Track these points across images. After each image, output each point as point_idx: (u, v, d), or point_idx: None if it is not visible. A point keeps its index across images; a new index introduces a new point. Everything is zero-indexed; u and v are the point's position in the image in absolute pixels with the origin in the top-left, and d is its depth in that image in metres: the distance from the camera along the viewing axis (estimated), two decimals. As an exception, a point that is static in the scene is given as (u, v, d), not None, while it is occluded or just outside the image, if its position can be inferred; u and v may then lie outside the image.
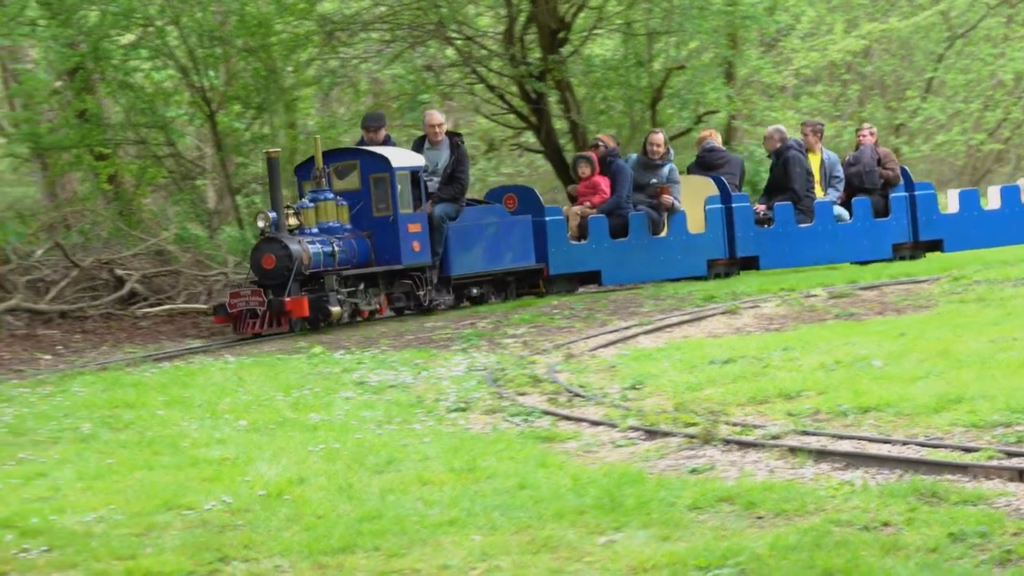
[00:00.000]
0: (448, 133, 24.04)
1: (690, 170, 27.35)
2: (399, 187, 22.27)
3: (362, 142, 23.96)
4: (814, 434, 12.19)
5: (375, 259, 22.27)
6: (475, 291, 24.10)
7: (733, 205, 25.73)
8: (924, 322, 18.25)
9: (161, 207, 32.22)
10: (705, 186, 26.14)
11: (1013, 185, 30.38)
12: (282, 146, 29.47)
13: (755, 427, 12.66)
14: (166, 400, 15.70)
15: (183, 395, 16.03)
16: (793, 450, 11.58)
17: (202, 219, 29.76)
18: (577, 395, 15.06)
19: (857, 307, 20.60)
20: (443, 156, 23.65)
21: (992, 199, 29.62)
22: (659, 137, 25.78)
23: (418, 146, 24.39)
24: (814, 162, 27.36)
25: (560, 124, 30.73)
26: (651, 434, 12.82)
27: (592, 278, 25.15)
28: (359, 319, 22.09)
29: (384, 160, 22.31)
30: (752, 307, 21.68)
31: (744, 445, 12.05)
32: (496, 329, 21.02)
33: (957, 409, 12.32)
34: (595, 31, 30.89)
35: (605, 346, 18.95)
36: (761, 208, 26.49)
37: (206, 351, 21.13)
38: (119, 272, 25.87)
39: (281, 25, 29.56)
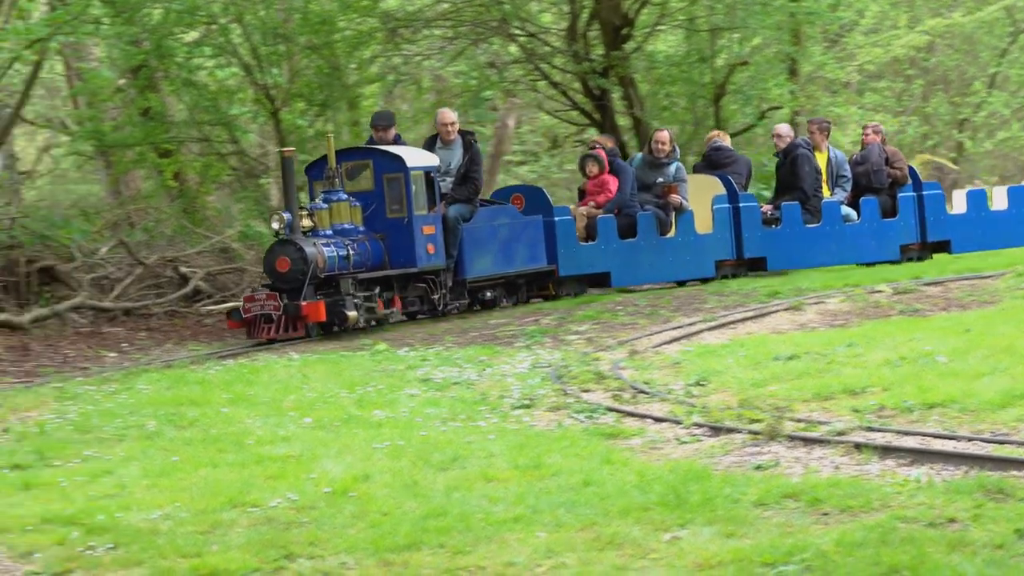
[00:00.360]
0: (461, 132, 23.29)
1: (696, 169, 27.10)
2: (414, 187, 21.50)
3: (371, 141, 23.26)
4: (879, 430, 12.17)
5: (389, 262, 21.42)
6: (488, 294, 23.48)
7: (740, 205, 25.26)
8: (989, 318, 18.06)
9: (225, 204, 32.42)
10: (712, 185, 25.68)
11: (1019, 185, 30.06)
12: (345, 144, 29.42)
13: (820, 423, 12.67)
14: (230, 397, 15.79)
15: (247, 392, 16.12)
16: (858, 446, 11.56)
17: (265, 216, 29.75)
18: (641, 392, 15.02)
19: (921, 303, 20.50)
20: (456, 155, 22.91)
21: (999, 199, 29.11)
22: (665, 135, 25.27)
23: (429, 145, 23.68)
24: (821, 161, 26.82)
25: (623, 121, 30.64)
26: (716, 430, 12.84)
27: (602, 280, 24.51)
28: (374, 323, 21.18)
29: (399, 160, 21.50)
30: (816, 303, 21.43)
31: (809, 441, 12.03)
32: (560, 326, 20.92)
33: (1023, 405, 12.30)
34: (658, 27, 30.86)
35: (669, 342, 18.88)
36: (768, 208, 26.04)
37: (270, 349, 20.90)
38: (183, 270, 26.13)
39: (344, 22, 29.72)
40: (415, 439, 13.04)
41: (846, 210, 26.33)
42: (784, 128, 27.14)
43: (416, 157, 21.93)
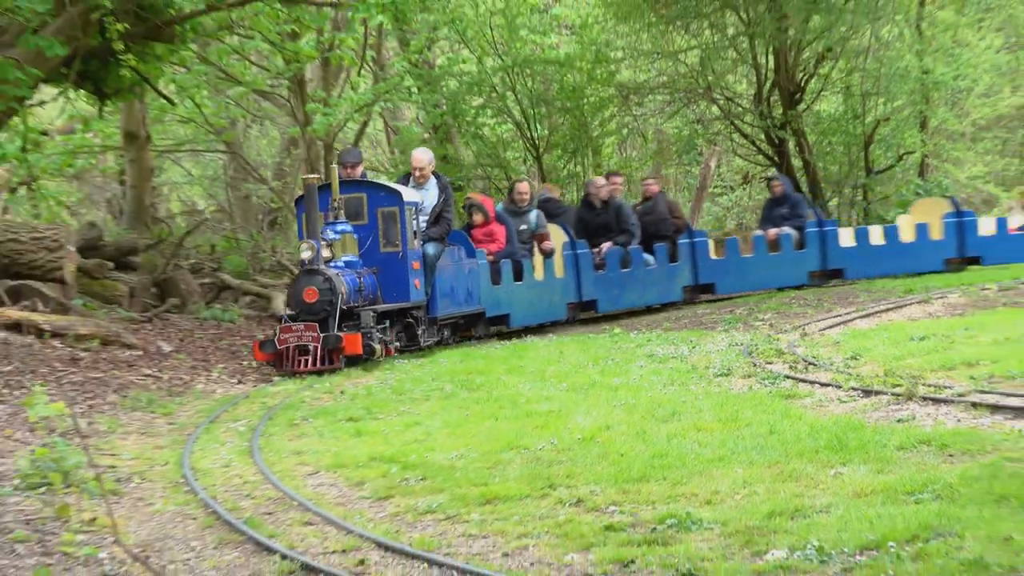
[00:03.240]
0: (435, 173, 20.28)
1: None
2: (407, 223, 18.68)
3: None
4: (990, 392, 12.28)
5: (382, 296, 18.39)
6: (446, 332, 20.21)
7: (578, 252, 23.02)
8: None
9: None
10: (558, 233, 23.48)
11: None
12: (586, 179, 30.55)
13: (945, 387, 12.78)
14: (507, 368, 16.36)
15: (519, 364, 16.66)
16: (974, 405, 11.74)
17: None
18: (811, 364, 15.16)
19: (1021, 297, 20.40)
20: (428, 195, 19.86)
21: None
22: (524, 186, 23.25)
23: (402, 184, 20.41)
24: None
25: (796, 162, 30.34)
26: (867, 393, 12.95)
27: (504, 319, 21.50)
28: (382, 357, 17.69)
29: (395, 194, 18.68)
30: (940, 297, 21.42)
31: (937, 401, 12.17)
32: (749, 315, 20.88)
33: None
34: (823, 92, 30.86)
35: (831, 327, 19.03)
36: (597, 253, 23.64)
37: (535, 332, 21.18)
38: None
39: (590, 91, 30.31)
40: (643, 399, 13.42)
41: (646, 256, 24.60)
42: (600, 180, 25.17)
43: (408, 193, 19.22)
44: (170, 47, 23.11)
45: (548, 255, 22.64)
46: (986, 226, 26.29)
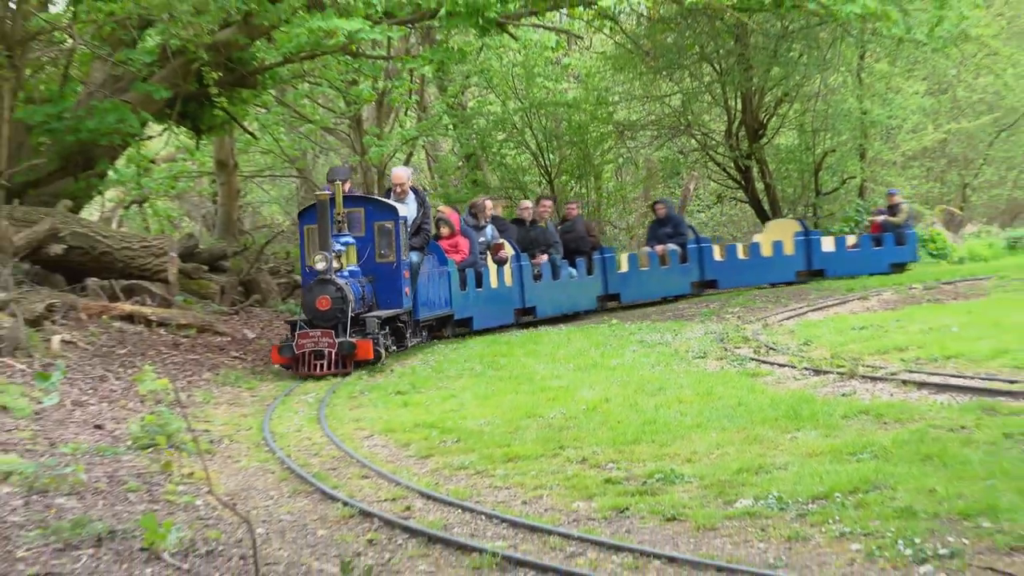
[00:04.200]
0: (413, 188, 18.54)
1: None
2: (401, 236, 16.95)
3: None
4: (917, 372, 12.26)
5: (377, 303, 16.59)
6: (424, 333, 18.30)
7: (522, 263, 21.24)
8: (983, 304, 17.80)
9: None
10: (507, 245, 21.70)
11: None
12: (588, 201, 30.21)
13: (880, 368, 12.72)
14: (525, 352, 16.18)
15: (535, 349, 16.45)
16: (905, 382, 11.72)
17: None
18: (771, 348, 15.03)
19: (941, 295, 20.16)
20: (410, 208, 17.95)
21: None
22: (479, 203, 21.66)
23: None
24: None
25: (760, 185, 30.01)
26: (817, 372, 12.87)
27: (468, 322, 19.72)
28: (385, 360, 16.01)
29: (392, 209, 16.94)
30: (876, 295, 21.12)
31: (874, 379, 12.12)
32: (721, 309, 20.47)
33: (1004, 357, 12.43)
34: (781, 129, 30.55)
35: (787, 319, 18.79)
36: (536, 265, 21.84)
37: (547, 323, 20.93)
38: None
39: (592, 127, 30.16)
40: (635, 377, 13.29)
41: (570, 269, 22.94)
42: (527, 203, 23.70)
43: (400, 209, 17.44)
44: (254, 92, 23.31)
45: (503, 264, 21.10)
46: (827, 244, 25.74)
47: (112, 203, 31.26)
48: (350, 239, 16.32)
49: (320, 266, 15.38)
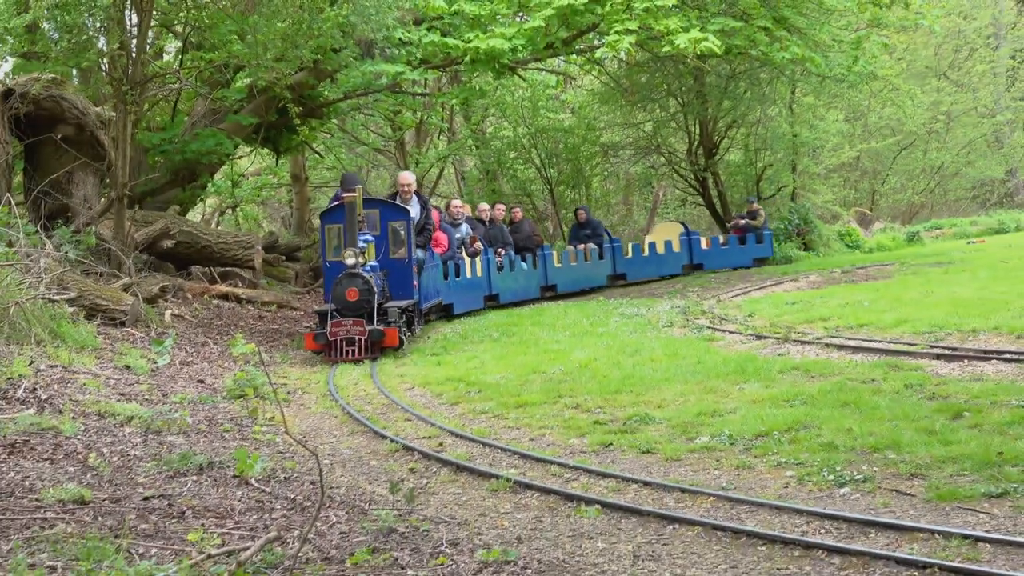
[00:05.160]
0: (416, 192, 16.41)
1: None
2: (412, 235, 15.01)
3: (337, 197, 15.09)
4: (837, 337, 12.22)
5: (390, 295, 14.57)
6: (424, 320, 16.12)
7: (489, 257, 19.30)
8: (888, 284, 17.65)
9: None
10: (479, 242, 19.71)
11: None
12: (587, 203, 30.30)
13: (808, 333, 12.68)
14: (532, 322, 15.90)
15: (540, 320, 16.13)
16: (827, 345, 11.68)
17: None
18: (723, 319, 14.92)
19: (855, 277, 19.92)
20: (414, 210, 15.82)
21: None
22: (456, 203, 19.91)
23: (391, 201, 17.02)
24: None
25: (714, 192, 29.42)
26: (759, 337, 12.80)
27: (449, 308, 17.55)
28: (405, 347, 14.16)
29: (404, 211, 15.06)
30: (806, 277, 20.65)
31: (804, 343, 12.06)
32: (684, 289, 20.06)
33: (905, 326, 12.38)
34: (730, 148, 30.08)
35: (735, 296, 18.50)
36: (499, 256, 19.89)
37: (548, 299, 20.33)
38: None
39: (583, 148, 29.89)
40: (617, 341, 13.18)
41: (521, 262, 20.65)
42: (484, 205, 21.58)
43: (411, 211, 15.51)
44: (320, 121, 23.33)
45: (475, 256, 19.03)
46: (704, 243, 24.59)
47: (211, 208, 31.33)
48: (369, 237, 14.54)
49: (350, 261, 13.67)
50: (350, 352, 13.30)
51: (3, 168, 14.60)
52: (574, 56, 23.88)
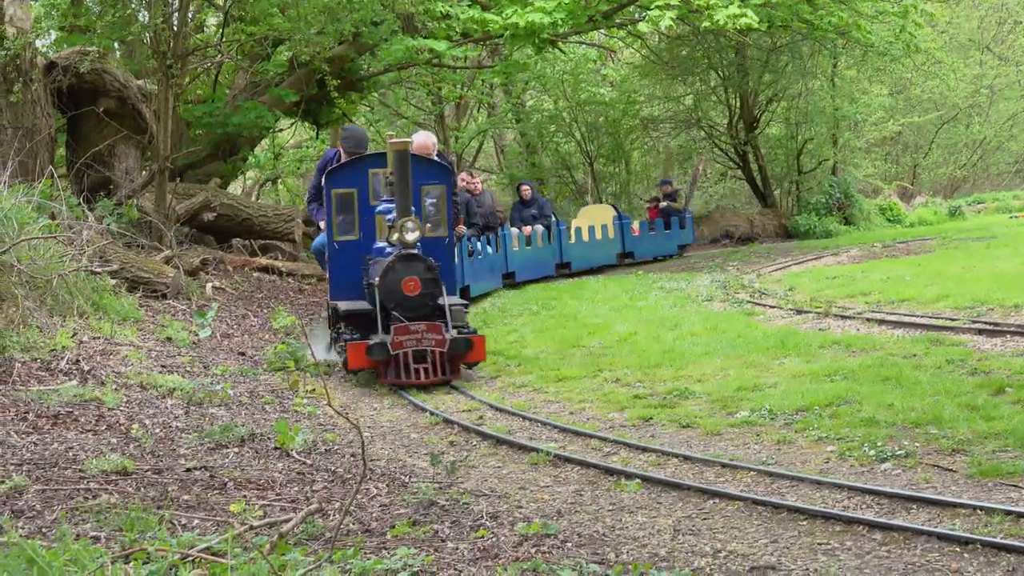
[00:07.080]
0: (438, 153, 12.76)
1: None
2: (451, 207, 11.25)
3: (332, 154, 11.64)
4: (878, 312, 12.27)
5: None
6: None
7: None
8: (930, 259, 17.65)
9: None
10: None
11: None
12: (622, 178, 29.99)
13: (849, 308, 12.74)
14: (571, 296, 16.01)
15: (579, 294, 16.26)
16: (868, 319, 11.69)
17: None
18: (764, 293, 15.02)
19: (896, 252, 19.94)
20: None
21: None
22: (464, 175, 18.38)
23: None
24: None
25: (754, 166, 29.36)
26: (799, 312, 12.79)
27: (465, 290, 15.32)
28: None
29: (446, 171, 11.13)
30: (847, 252, 20.74)
31: (845, 317, 12.06)
32: (724, 263, 20.18)
33: (946, 300, 12.45)
34: (771, 122, 29.69)
35: (776, 271, 18.54)
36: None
37: (590, 274, 20.00)
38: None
39: (624, 122, 29.65)
40: (657, 315, 13.23)
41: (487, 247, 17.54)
42: (465, 175, 19.40)
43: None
44: (361, 95, 23.33)
45: (460, 238, 17.47)
46: (635, 228, 22.51)
47: (252, 181, 31.42)
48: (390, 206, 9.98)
49: (411, 236, 9.55)
50: (421, 373, 9.52)
51: (46, 141, 14.71)
52: (615, 29, 23.67)
